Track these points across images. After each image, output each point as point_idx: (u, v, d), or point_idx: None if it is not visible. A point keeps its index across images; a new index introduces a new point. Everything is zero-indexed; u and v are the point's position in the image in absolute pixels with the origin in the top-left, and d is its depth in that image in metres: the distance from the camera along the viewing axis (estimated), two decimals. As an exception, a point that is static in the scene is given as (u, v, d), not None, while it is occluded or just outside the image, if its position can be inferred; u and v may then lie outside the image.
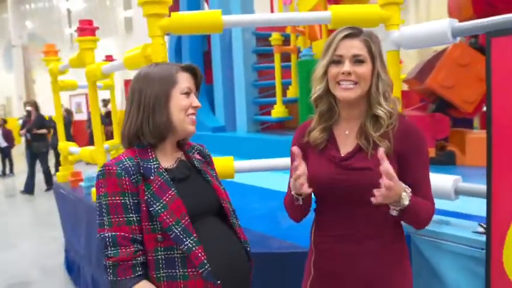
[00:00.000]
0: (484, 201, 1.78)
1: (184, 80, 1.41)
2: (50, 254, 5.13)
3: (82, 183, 4.00)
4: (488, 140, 1.64)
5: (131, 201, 1.29)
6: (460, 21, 2.02)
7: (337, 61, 1.37)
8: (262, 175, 3.83)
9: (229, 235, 1.45)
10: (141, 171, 1.32)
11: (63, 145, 4.58)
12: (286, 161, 2.55)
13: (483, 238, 1.81)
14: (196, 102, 1.42)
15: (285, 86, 6.29)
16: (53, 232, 5.72)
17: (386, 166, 1.20)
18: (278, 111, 5.95)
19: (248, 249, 1.48)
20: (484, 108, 4.69)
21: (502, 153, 1.60)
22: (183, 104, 1.39)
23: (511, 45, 1.56)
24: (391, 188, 1.20)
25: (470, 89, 3.93)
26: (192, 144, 1.59)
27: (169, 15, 2.31)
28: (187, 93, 1.41)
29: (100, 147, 3.45)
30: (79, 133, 13.91)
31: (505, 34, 1.58)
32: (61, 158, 4.70)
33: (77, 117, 14.42)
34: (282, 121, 6.18)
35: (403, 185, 1.27)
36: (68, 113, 10.09)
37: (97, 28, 3.43)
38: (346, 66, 1.35)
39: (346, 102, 1.41)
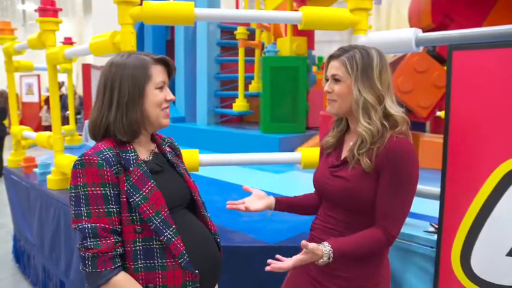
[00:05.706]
0: (431, 201, 1.94)
1: (159, 74, 1.37)
2: (-3, 242, 4.92)
3: (36, 170, 3.86)
4: (444, 145, 1.75)
5: (112, 192, 1.26)
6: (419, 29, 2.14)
7: (327, 80, 1.53)
8: (220, 168, 3.84)
9: (202, 227, 1.49)
10: (122, 162, 1.30)
11: (17, 129, 4.39)
12: (250, 156, 2.59)
13: (434, 237, 1.93)
14: (170, 95, 1.41)
15: (247, 80, 6.31)
16: (1, 219, 5.49)
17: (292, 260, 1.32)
18: (239, 105, 5.95)
19: (218, 240, 1.52)
20: (437, 113, 4.94)
21: (457, 158, 1.71)
22: (158, 99, 1.37)
23: (470, 58, 1.67)
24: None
25: (426, 94, 4.13)
26: (163, 137, 1.59)
27: (141, 4, 2.28)
28: (161, 87, 1.38)
29: (58, 133, 3.34)
30: (29, 116, 13.23)
31: (465, 48, 1.69)
32: (13, 142, 4.49)
33: (26, 99, 13.62)
34: (242, 115, 6.20)
35: (322, 251, 1.33)
36: None
37: (60, 9, 3.31)
38: (325, 86, 1.51)
39: (336, 117, 1.59)
